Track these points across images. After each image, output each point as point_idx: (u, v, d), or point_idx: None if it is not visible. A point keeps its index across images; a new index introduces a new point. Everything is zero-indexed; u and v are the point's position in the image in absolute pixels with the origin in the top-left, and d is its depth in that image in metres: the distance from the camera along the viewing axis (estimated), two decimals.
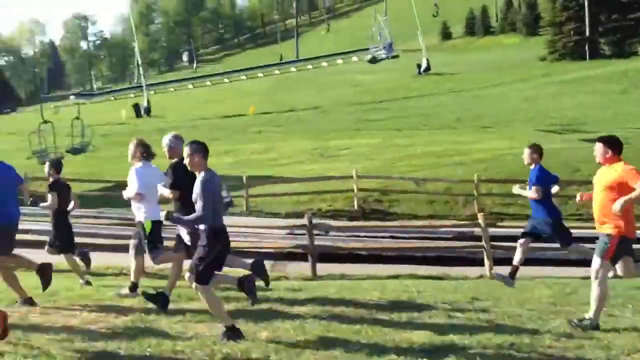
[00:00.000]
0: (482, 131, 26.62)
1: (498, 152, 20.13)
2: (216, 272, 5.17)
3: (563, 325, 5.52)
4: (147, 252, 6.54)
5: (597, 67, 45.72)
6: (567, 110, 30.21)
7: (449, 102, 37.58)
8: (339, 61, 62.01)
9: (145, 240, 6.50)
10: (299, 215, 13.69)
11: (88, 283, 7.58)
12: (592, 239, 5.97)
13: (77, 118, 24.90)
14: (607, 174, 5.53)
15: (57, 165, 7.96)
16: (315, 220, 10.95)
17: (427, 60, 53.15)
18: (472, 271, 9.89)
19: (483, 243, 10.02)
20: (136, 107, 45.59)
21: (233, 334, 5.02)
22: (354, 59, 60.55)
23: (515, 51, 62.46)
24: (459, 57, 65.74)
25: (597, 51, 53.31)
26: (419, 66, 53.38)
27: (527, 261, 7.61)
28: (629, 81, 37.84)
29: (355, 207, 16.32)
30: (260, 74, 60.23)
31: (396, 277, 9.42)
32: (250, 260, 6.09)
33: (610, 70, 42.73)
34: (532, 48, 60.26)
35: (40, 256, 7.19)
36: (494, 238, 10.34)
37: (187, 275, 5.11)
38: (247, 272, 5.89)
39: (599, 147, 5.57)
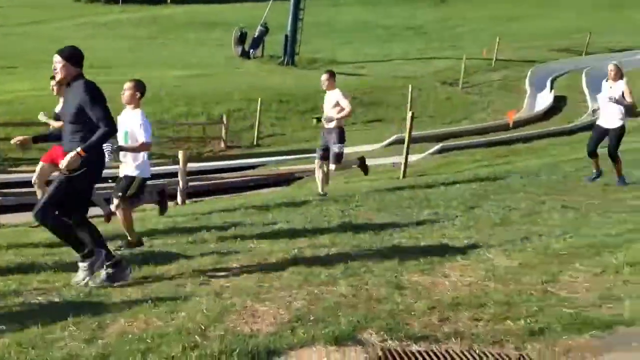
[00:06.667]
0: (7, 72, 25.93)
1: (21, 94, 20.07)
2: None
3: None
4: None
5: (129, 11, 47.89)
6: (96, 52, 29.29)
7: None
8: None
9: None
10: None
11: None
12: None
13: None
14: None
15: None
16: None
17: None
18: None
19: None
20: None
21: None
22: None
23: None
24: None
25: None
26: None
27: None
28: (158, 28, 40.82)
29: None
30: None
31: None
32: None
33: (140, 16, 45.50)
34: None
35: None
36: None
37: None
38: None
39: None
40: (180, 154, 11.57)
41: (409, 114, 12.56)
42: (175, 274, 5.21)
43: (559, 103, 23.46)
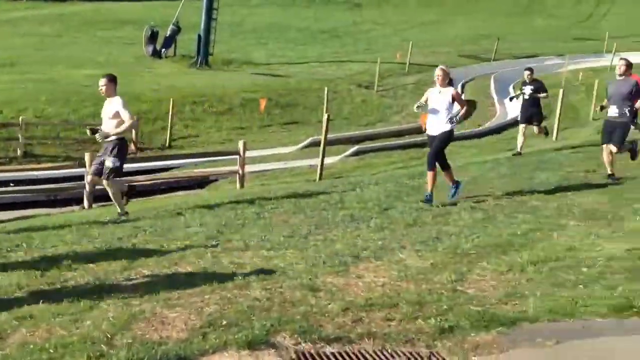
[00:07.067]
0: None
1: None
2: None
3: None
4: None
5: (34, 8, 48.44)
6: None
7: None
8: None
9: None
10: None
11: None
12: None
13: None
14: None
15: None
16: None
17: None
18: None
19: None
20: None
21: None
22: None
23: None
24: None
25: None
26: None
27: None
28: (64, 25, 41.48)
29: None
30: None
31: None
32: None
33: (46, 13, 46.04)
34: None
35: None
36: None
37: None
38: None
39: None
40: (87, 157, 11.19)
41: (325, 117, 12.68)
42: (80, 281, 5.03)
43: (469, 107, 24.31)
